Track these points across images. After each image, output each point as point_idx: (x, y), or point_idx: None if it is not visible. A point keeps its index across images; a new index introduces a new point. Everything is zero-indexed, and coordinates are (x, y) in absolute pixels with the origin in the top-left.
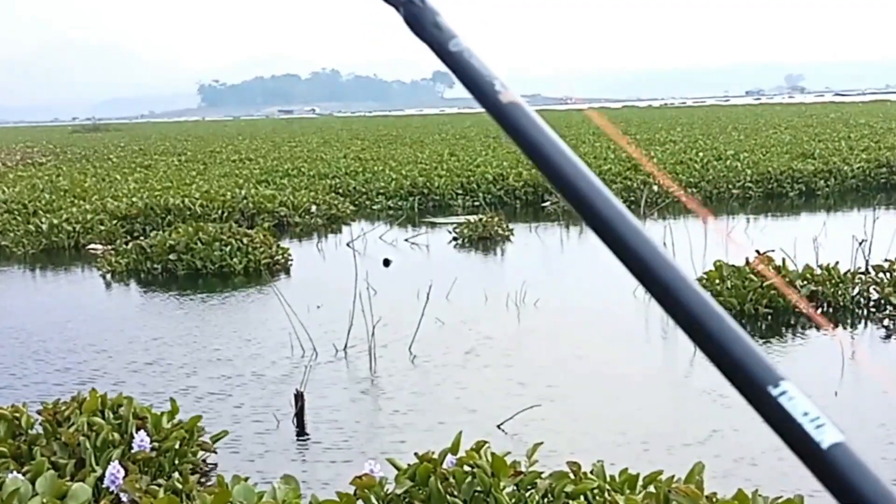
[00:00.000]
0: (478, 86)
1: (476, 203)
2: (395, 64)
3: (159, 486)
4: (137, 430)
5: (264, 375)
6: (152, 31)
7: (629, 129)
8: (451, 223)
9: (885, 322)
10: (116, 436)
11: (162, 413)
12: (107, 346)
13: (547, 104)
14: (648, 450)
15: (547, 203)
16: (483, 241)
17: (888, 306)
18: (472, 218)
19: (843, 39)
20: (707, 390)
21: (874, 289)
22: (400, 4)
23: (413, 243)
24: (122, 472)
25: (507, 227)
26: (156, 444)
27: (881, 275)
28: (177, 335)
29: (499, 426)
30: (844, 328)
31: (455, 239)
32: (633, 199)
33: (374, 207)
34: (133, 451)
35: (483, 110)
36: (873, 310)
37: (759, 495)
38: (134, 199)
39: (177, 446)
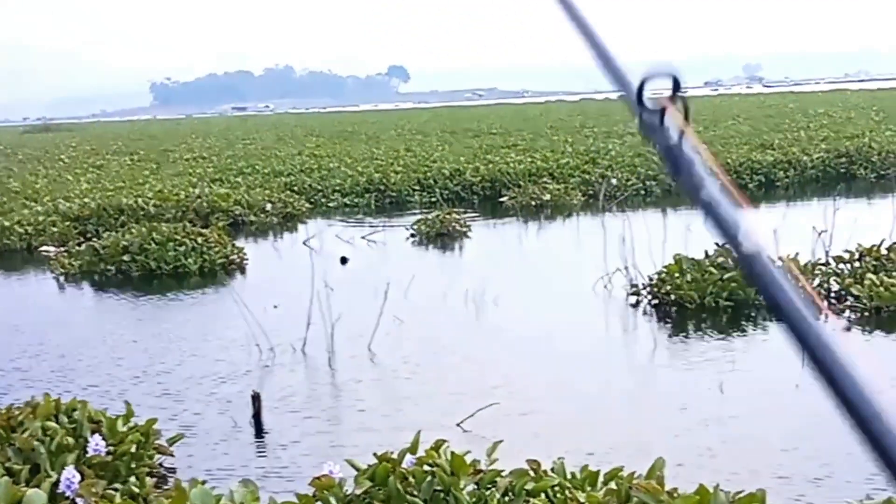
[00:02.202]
0: (725, 232)
1: (433, 199)
2: (349, 59)
3: (116, 490)
4: (92, 434)
5: (221, 376)
6: (102, 29)
7: (587, 122)
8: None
9: (847, 313)
10: (71, 440)
11: (117, 416)
12: (60, 350)
13: (504, 97)
14: (609, 446)
15: (504, 198)
16: (441, 237)
17: (849, 297)
18: (429, 215)
19: (801, 30)
20: (667, 387)
21: (835, 280)
22: (662, 148)
23: (370, 240)
24: (78, 477)
25: (465, 222)
26: (111, 448)
27: (841, 266)
28: (131, 337)
29: (458, 424)
30: None
31: (413, 236)
32: (591, 192)
33: (331, 205)
34: (88, 456)
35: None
36: (834, 301)
37: (721, 490)
38: (86, 200)
39: (133, 450)
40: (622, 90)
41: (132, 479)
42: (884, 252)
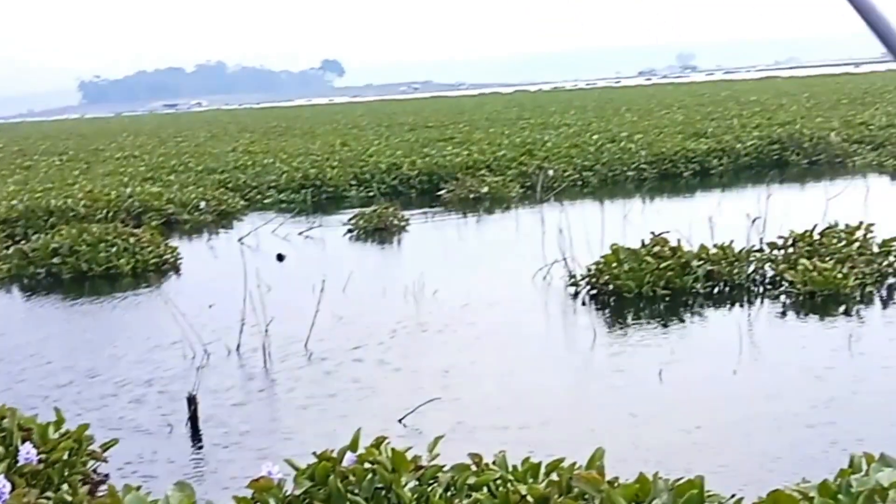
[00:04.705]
0: None
1: (370, 194)
2: (282, 54)
3: (48, 499)
4: (23, 442)
5: (155, 379)
6: (26, 25)
7: (522, 114)
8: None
9: (782, 299)
10: (1, 449)
11: (48, 423)
12: None
13: (439, 90)
14: (550, 437)
15: (442, 191)
16: (379, 232)
17: (784, 283)
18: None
19: (733, 17)
20: (606, 377)
21: (769, 266)
22: None
23: (307, 237)
24: (9, 487)
25: (403, 216)
26: (43, 456)
27: (776, 252)
28: (63, 341)
29: (400, 420)
30: (741, 307)
31: (350, 231)
32: (529, 184)
33: (266, 201)
34: (19, 465)
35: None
36: (769, 287)
37: (660, 477)
38: (14, 202)
39: (65, 457)
40: None
41: (65, 486)
42: (816, 237)
